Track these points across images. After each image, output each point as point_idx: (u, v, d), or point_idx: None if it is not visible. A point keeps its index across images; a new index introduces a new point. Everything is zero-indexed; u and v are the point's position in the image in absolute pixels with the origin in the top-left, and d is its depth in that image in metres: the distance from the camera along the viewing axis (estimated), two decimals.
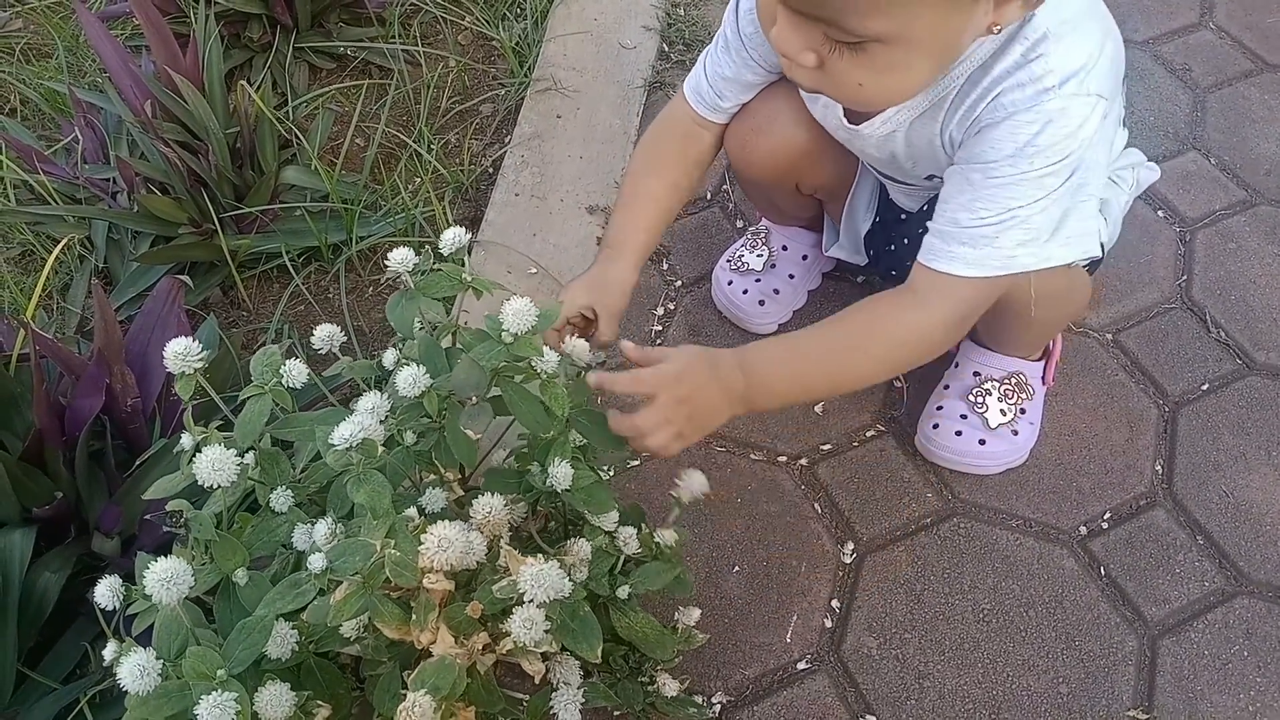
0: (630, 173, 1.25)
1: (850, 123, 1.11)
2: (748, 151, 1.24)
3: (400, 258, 0.94)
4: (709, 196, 1.63)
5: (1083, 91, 0.94)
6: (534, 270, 1.50)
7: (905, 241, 1.25)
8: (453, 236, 0.96)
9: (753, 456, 1.33)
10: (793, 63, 0.91)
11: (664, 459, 1.30)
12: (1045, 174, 0.96)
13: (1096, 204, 1.07)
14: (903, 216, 1.25)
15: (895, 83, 0.92)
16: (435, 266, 0.97)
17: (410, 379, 0.90)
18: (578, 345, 1.01)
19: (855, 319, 1.04)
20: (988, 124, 0.97)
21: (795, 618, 1.20)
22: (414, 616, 0.84)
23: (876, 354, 1.05)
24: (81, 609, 1.13)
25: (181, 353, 0.89)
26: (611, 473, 1.00)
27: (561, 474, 0.91)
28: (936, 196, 1.05)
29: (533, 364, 0.93)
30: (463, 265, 0.98)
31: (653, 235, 1.22)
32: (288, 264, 1.52)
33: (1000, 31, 0.91)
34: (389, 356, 0.99)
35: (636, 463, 1.32)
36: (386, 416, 0.90)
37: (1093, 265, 1.21)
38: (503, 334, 0.91)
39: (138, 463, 1.18)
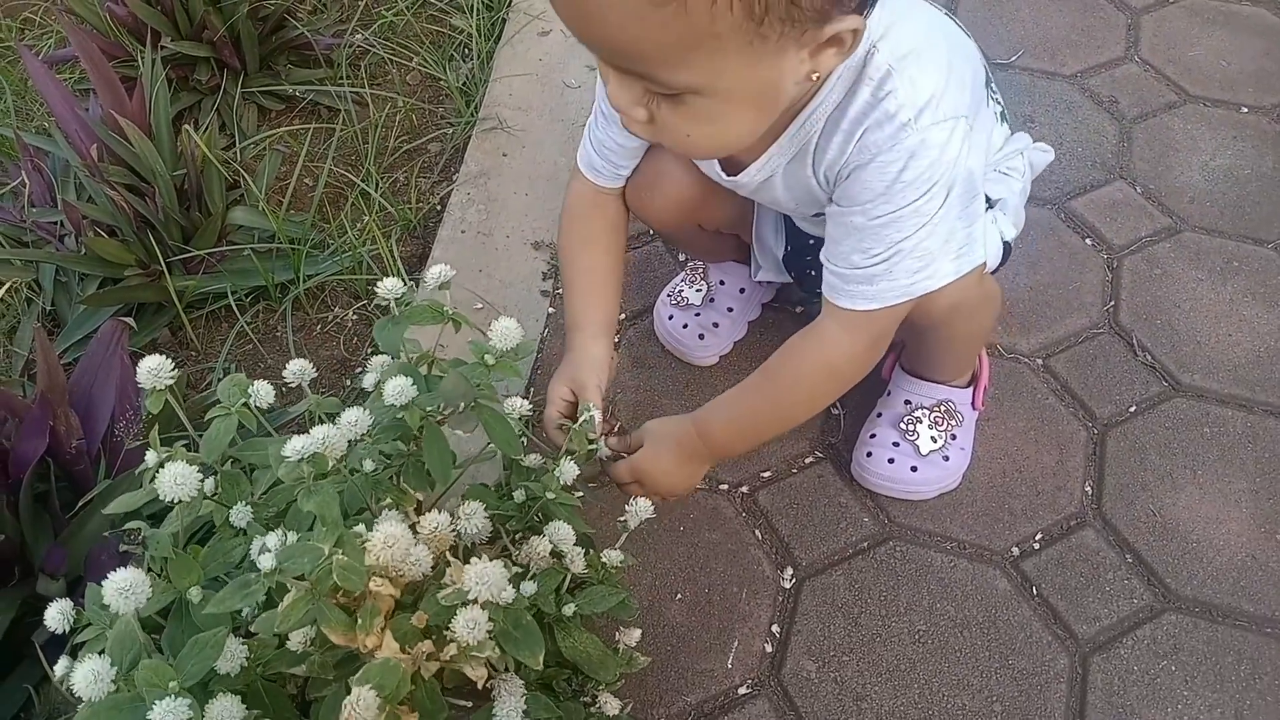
0: (563, 260, 1.30)
1: (728, 174, 1.14)
2: (645, 206, 1.27)
3: (389, 287, 1.02)
4: (650, 233, 1.66)
5: (939, 119, 0.96)
6: (480, 306, 1.52)
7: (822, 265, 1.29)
8: (439, 272, 1.04)
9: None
10: (627, 117, 0.93)
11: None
12: (920, 202, 0.99)
13: (983, 208, 1.11)
14: (811, 242, 1.28)
15: (719, 132, 0.93)
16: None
17: (398, 389, 0.94)
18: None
19: (784, 370, 1.13)
20: (857, 165, 1.00)
21: (736, 643, 1.23)
22: (360, 621, 0.86)
23: (812, 393, 1.16)
24: (26, 652, 1.13)
25: (154, 369, 0.93)
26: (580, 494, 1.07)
27: (568, 470, 1.01)
28: None
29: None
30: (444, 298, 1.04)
31: (608, 303, 1.26)
32: (234, 304, 1.54)
33: (820, 79, 0.93)
34: (369, 379, 1.05)
35: (595, 485, 1.34)
36: (362, 436, 0.94)
37: (1001, 261, 1.25)
38: (485, 356, 0.97)
39: (81, 503, 1.18)
